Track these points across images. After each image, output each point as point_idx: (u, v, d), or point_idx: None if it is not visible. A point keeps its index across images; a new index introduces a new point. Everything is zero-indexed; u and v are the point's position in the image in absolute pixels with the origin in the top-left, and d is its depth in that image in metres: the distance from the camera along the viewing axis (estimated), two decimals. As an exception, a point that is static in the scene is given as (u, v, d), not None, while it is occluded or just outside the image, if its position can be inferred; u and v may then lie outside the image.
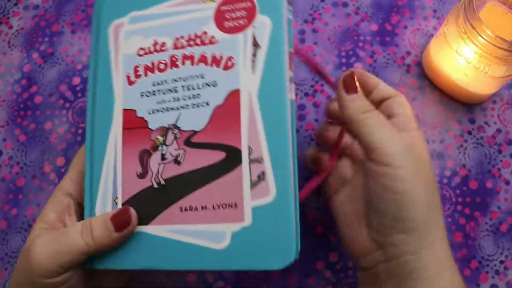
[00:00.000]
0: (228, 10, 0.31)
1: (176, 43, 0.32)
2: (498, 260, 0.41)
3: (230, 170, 0.29)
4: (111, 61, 0.33)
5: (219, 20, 0.31)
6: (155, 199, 0.30)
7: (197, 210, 0.30)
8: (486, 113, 0.45)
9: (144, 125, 0.31)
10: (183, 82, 0.31)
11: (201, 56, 0.31)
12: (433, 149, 0.44)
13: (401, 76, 0.46)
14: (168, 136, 0.31)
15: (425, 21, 0.48)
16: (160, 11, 0.32)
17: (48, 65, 0.47)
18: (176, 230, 0.30)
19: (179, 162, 0.30)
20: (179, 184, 0.30)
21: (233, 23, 0.31)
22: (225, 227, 0.29)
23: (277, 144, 0.29)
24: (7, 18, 0.50)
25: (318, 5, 0.49)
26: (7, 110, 0.46)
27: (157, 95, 0.31)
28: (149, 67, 0.32)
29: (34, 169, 0.44)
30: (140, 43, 0.32)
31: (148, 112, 0.31)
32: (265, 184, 0.29)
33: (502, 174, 0.43)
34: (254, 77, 0.30)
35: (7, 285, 0.32)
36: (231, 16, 0.31)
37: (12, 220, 0.42)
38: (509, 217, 0.42)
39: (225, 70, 0.30)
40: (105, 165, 0.32)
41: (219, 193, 0.29)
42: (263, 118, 0.29)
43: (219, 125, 0.30)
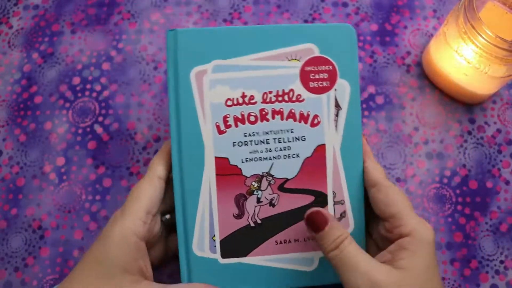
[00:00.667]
0: (312, 71, 0.35)
1: (265, 97, 0.35)
2: (498, 260, 0.41)
3: None
4: (197, 109, 0.35)
5: (304, 80, 0.35)
6: (251, 235, 0.35)
7: (291, 242, 0.35)
8: (486, 113, 0.45)
9: (238, 172, 0.35)
10: (274, 135, 0.35)
11: (290, 112, 0.35)
12: (433, 149, 0.44)
13: (401, 76, 0.46)
14: (262, 183, 0.35)
15: (425, 21, 0.48)
16: (243, 63, 0.35)
17: (48, 65, 0.47)
18: (272, 259, 0.35)
19: (273, 205, 0.35)
20: (274, 222, 0.35)
21: (318, 83, 0.35)
22: (314, 254, 0.35)
23: (355, 190, 0.35)
24: (7, 18, 0.50)
25: (318, 5, 0.49)
26: (7, 110, 0.46)
27: (249, 145, 0.35)
28: (239, 118, 0.35)
29: (34, 169, 0.44)
30: (227, 94, 0.35)
31: (241, 161, 0.35)
32: (346, 220, 0.35)
33: (502, 174, 0.43)
34: (337, 134, 0.35)
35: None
36: (315, 77, 0.35)
37: (12, 220, 0.42)
38: (509, 217, 0.42)
39: (312, 126, 0.35)
40: (200, 207, 0.35)
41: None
42: (345, 168, 0.35)
43: (308, 173, 0.35)
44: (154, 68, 0.47)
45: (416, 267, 0.31)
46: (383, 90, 0.46)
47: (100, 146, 0.44)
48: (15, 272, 0.41)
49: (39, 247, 0.41)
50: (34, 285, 0.40)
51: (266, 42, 0.35)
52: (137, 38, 0.48)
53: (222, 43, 0.35)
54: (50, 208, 0.42)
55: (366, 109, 0.45)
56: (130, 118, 0.45)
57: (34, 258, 0.41)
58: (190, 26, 0.48)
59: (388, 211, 0.33)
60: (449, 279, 0.40)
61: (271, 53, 0.35)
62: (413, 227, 0.32)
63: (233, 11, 0.49)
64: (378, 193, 0.34)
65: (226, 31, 0.35)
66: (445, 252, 0.41)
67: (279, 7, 0.49)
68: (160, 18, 0.49)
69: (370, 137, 0.44)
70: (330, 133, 0.35)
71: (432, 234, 0.32)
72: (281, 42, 0.35)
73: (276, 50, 0.35)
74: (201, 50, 0.35)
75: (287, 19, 0.48)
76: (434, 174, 0.43)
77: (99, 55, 0.48)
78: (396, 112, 0.45)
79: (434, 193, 0.43)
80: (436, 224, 0.42)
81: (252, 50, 0.35)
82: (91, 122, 0.45)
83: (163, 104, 0.46)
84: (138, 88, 0.46)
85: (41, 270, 0.41)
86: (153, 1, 0.49)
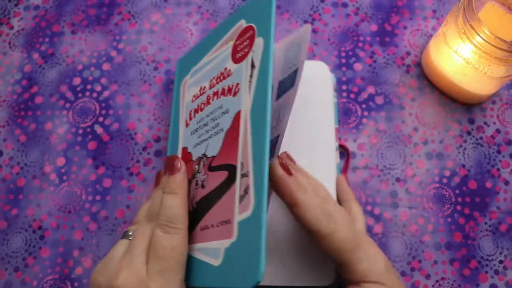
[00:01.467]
0: (239, 43, 0.34)
1: (211, 84, 0.36)
2: (498, 260, 0.41)
3: (229, 188, 0.30)
4: (180, 111, 0.40)
5: (233, 54, 0.34)
6: (191, 221, 0.32)
7: (208, 228, 0.31)
8: (486, 113, 0.45)
9: (190, 158, 0.36)
10: (211, 115, 0.35)
11: (222, 89, 0.34)
12: (432, 149, 0.44)
13: (400, 76, 0.46)
14: (200, 165, 0.34)
15: (425, 22, 0.48)
16: (205, 60, 0.38)
17: (49, 66, 0.47)
18: (196, 248, 0.31)
19: (204, 186, 0.32)
20: (202, 206, 0.32)
21: (241, 52, 0.33)
22: (221, 243, 0.29)
23: (258, 158, 0.28)
24: (8, 19, 0.50)
25: (318, 5, 0.49)
26: (7, 110, 0.46)
27: (198, 131, 0.36)
28: (196, 109, 0.37)
29: (34, 169, 0.44)
30: (193, 92, 0.38)
31: (193, 147, 0.36)
32: (248, 197, 0.28)
33: (501, 174, 0.43)
34: (249, 97, 0.31)
35: None
36: (241, 47, 0.33)
37: (13, 220, 0.42)
38: (508, 217, 0.42)
39: (234, 96, 0.32)
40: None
41: (221, 210, 0.30)
42: (252, 135, 0.29)
43: (228, 146, 0.31)
44: (154, 68, 0.47)
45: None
46: (382, 91, 0.46)
47: (100, 146, 0.44)
48: (15, 272, 0.41)
49: (39, 247, 0.41)
50: (34, 285, 0.40)
51: (217, 36, 0.37)
52: (137, 38, 0.48)
53: (197, 52, 0.40)
54: (50, 209, 0.42)
55: (366, 109, 0.45)
56: (130, 118, 0.45)
57: (34, 258, 0.41)
58: (190, 27, 0.48)
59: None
60: (448, 279, 0.40)
61: (219, 44, 0.37)
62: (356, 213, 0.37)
63: (233, 11, 0.49)
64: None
65: (200, 42, 0.41)
66: (444, 252, 0.41)
67: (279, 8, 0.49)
68: (160, 19, 0.49)
69: (370, 137, 0.44)
70: (245, 97, 0.31)
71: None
72: (224, 30, 0.36)
73: (221, 39, 0.36)
74: (187, 64, 0.41)
75: (287, 19, 0.49)
76: (434, 174, 0.43)
77: (100, 55, 0.48)
78: (395, 112, 0.45)
79: (433, 193, 0.43)
80: (435, 224, 0.42)
81: (209, 48, 0.38)
82: (91, 123, 0.45)
83: (163, 104, 0.46)
84: (138, 88, 0.46)
85: (41, 270, 0.41)
86: (153, 2, 0.49)
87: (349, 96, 0.46)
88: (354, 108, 0.45)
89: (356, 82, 0.46)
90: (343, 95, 0.46)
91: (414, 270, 0.40)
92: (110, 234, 0.42)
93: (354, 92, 0.46)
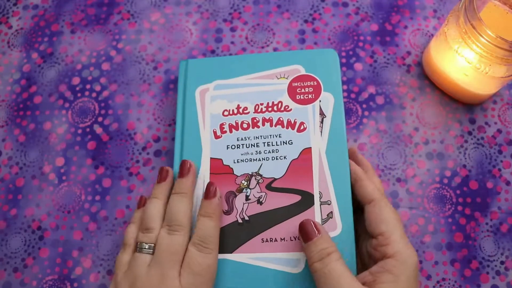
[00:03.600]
0: (299, 86, 0.40)
1: (256, 108, 0.40)
2: (499, 260, 0.41)
3: (304, 210, 0.36)
4: (199, 119, 0.40)
5: (291, 93, 0.40)
6: (239, 231, 0.36)
7: (277, 241, 0.36)
8: (487, 113, 0.45)
9: (230, 172, 0.38)
10: (263, 139, 0.39)
11: (278, 120, 0.39)
12: (433, 149, 0.44)
13: (401, 76, 0.46)
14: (251, 181, 0.38)
15: (425, 21, 0.48)
16: (240, 81, 0.41)
17: (48, 65, 0.47)
18: (257, 257, 0.36)
19: (261, 203, 0.37)
20: (261, 220, 0.37)
21: (303, 96, 0.40)
22: (301, 255, 0.35)
23: (341, 191, 0.36)
24: (7, 18, 0.49)
25: (318, 5, 0.49)
26: (6, 110, 0.46)
27: (241, 148, 0.39)
28: (233, 125, 0.39)
29: (33, 169, 0.44)
30: (224, 106, 0.40)
31: (233, 161, 0.38)
32: (333, 221, 0.36)
33: (502, 174, 0.43)
34: (322, 139, 0.38)
35: None
36: (301, 91, 0.40)
37: (12, 220, 0.42)
38: (510, 218, 0.42)
39: (298, 132, 0.39)
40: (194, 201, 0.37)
41: (295, 227, 0.35)
42: (331, 170, 0.37)
43: (295, 174, 0.37)
44: (154, 68, 0.47)
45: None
46: (383, 90, 0.46)
47: (100, 146, 0.44)
48: (14, 272, 0.41)
49: (38, 247, 0.41)
50: (33, 285, 0.40)
51: (259, 65, 0.41)
52: (136, 38, 0.48)
53: (223, 67, 0.42)
54: (49, 209, 0.42)
55: (366, 109, 0.45)
56: (129, 118, 0.45)
57: (33, 258, 0.41)
58: (190, 26, 0.48)
59: (379, 228, 0.34)
60: (449, 279, 0.40)
61: (263, 73, 0.41)
62: (398, 249, 0.32)
63: (233, 11, 0.49)
64: (373, 209, 0.35)
65: (226, 59, 0.43)
66: (445, 253, 0.41)
67: (279, 7, 0.49)
68: (160, 18, 0.49)
69: (370, 137, 0.44)
70: (316, 138, 0.38)
71: (416, 259, 0.32)
72: (272, 64, 0.41)
73: (268, 71, 0.41)
74: (205, 73, 0.42)
75: (287, 19, 0.48)
76: (435, 174, 0.43)
77: (99, 55, 0.47)
78: (396, 112, 0.45)
79: (434, 193, 0.42)
80: (436, 224, 0.41)
81: (247, 72, 0.41)
82: (90, 122, 0.45)
83: (163, 104, 0.46)
84: (137, 88, 0.46)
85: (40, 270, 0.41)
86: (152, 1, 0.49)
87: (349, 96, 0.45)
88: (354, 108, 0.45)
89: (357, 82, 0.46)
90: (343, 95, 0.45)
91: (414, 270, 0.40)
92: (110, 234, 0.42)
93: (354, 92, 0.46)
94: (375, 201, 0.35)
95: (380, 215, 0.34)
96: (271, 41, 0.48)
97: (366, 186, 0.36)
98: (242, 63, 0.42)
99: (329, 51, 0.41)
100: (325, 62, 0.41)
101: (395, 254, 0.32)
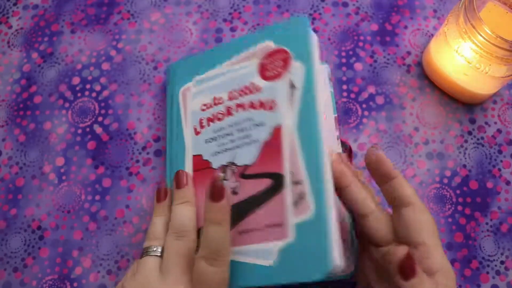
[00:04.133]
0: (269, 62, 0.37)
1: (230, 95, 0.38)
2: (499, 260, 0.41)
3: (276, 194, 0.33)
4: (182, 118, 0.40)
5: (262, 71, 0.37)
6: None
7: (251, 232, 0.33)
8: (487, 113, 0.45)
9: (208, 166, 0.37)
10: (236, 126, 0.37)
11: (250, 103, 0.37)
12: (433, 149, 0.44)
13: (401, 76, 0.46)
14: (227, 172, 0.36)
15: (425, 21, 0.48)
16: (215, 72, 0.40)
17: (48, 65, 0.47)
18: (235, 251, 0.34)
19: (236, 193, 0.35)
20: (237, 211, 0.34)
21: (273, 72, 0.36)
22: (273, 244, 0.32)
23: (314, 168, 0.32)
24: (7, 18, 0.49)
25: (318, 5, 0.49)
26: (6, 110, 0.46)
27: (218, 140, 0.37)
28: (210, 118, 0.38)
29: (33, 169, 0.44)
30: (203, 101, 0.39)
31: (211, 155, 0.37)
32: (305, 202, 0.32)
33: (502, 174, 0.43)
34: (292, 113, 0.34)
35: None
36: (271, 66, 0.37)
37: (11, 220, 0.42)
38: (510, 217, 0.42)
39: (269, 110, 0.35)
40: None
41: (267, 214, 0.33)
42: (302, 147, 0.33)
43: (267, 157, 0.34)
44: (154, 68, 0.47)
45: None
46: (383, 90, 0.46)
47: (100, 146, 0.44)
48: (14, 272, 0.41)
49: (38, 247, 0.41)
50: (33, 285, 0.40)
51: (233, 50, 0.39)
52: (136, 38, 0.48)
53: (201, 62, 0.41)
54: (49, 208, 0.42)
55: (366, 109, 0.45)
56: (129, 118, 0.45)
57: (33, 258, 0.41)
58: (190, 26, 0.48)
59: (420, 237, 0.30)
60: (449, 279, 0.40)
61: (236, 58, 0.39)
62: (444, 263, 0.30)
63: (233, 11, 0.49)
64: (412, 214, 0.31)
65: (205, 53, 0.41)
66: (445, 253, 0.41)
67: (279, 7, 0.49)
68: (160, 18, 0.49)
69: (370, 137, 0.44)
70: (286, 114, 0.34)
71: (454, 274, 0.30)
72: (244, 47, 0.39)
73: (240, 54, 0.39)
74: (187, 72, 0.41)
75: (287, 18, 0.48)
76: (435, 174, 0.43)
77: (99, 55, 0.47)
78: (396, 112, 0.45)
79: (434, 193, 0.42)
80: (436, 224, 0.41)
81: (222, 61, 0.39)
82: (90, 122, 0.45)
83: (163, 104, 0.46)
84: (137, 88, 0.46)
85: (40, 270, 0.41)
86: (153, 1, 0.49)
87: (349, 96, 0.45)
88: (354, 108, 0.45)
89: (357, 82, 0.46)
90: (343, 94, 0.45)
91: (414, 270, 0.40)
92: (110, 234, 0.42)
93: (354, 92, 0.46)
94: (414, 205, 0.31)
95: (421, 222, 0.31)
96: (271, 41, 0.48)
97: (404, 187, 0.32)
98: (216, 53, 0.40)
99: (298, 19, 0.37)
100: (295, 32, 0.36)
101: (443, 268, 0.29)
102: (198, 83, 0.40)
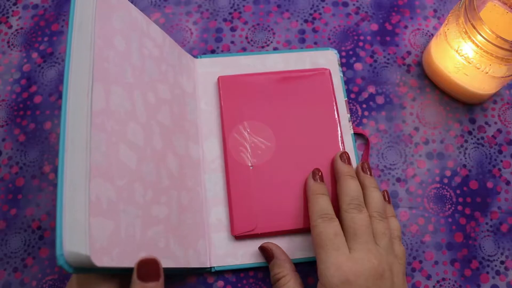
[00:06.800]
0: None
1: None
2: (499, 260, 0.41)
3: None
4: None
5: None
6: None
7: None
8: (487, 113, 0.45)
9: None
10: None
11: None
12: (433, 149, 0.44)
13: (401, 76, 0.46)
14: None
15: (426, 21, 0.48)
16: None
17: (48, 65, 0.47)
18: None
19: None
20: None
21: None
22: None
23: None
24: (6, 18, 0.49)
25: (318, 4, 0.49)
26: (6, 110, 0.46)
27: None
28: None
29: (33, 169, 0.44)
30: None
31: None
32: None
33: (502, 174, 0.43)
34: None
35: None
36: None
37: (12, 220, 0.42)
38: (510, 217, 0.42)
39: None
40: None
41: None
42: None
43: None
44: (153, 68, 0.47)
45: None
46: (383, 90, 0.46)
47: (100, 146, 0.44)
48: (14, 272, 0.41)
49: (38, 247, 0.41)
50: (33, 285, 0.40)
51: None
52: (136, 37, 0.48)
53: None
54: (49, 208, 0.42)
55: (366, 109, 0.45)
56: (129, 118, 0.45)
57: (33, 258, 0.41)
58: (190, 26, 0.48)
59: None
60: (449, 279, 0.40)
61: None
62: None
63: (233, 11, 0.49)
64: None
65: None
66: (445, 253, 0.41)
67: (279, 7, 0.49)
68: (160, 18, 0.49)
69: (370, 137, 0.44)
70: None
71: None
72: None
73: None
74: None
75: (287, 18, 0.48)
76: (435, 174, 0.43)
77: (99, 55, 0.47)
78: (396, 112, 0.45)
79: (434, 193, 0.42)
80: (436, 224, 0.41)
81: None
82: (90, 122, 0.45)
83: (162, 104, 0.45)
84: (137, 88, 0.46)
85: (40, 270, 0.41)
86: (153, 1, 0.49)
87: (349, 96, 0.45)
88: (354, 108, 0.45)
89: (357, 81, 0.46)
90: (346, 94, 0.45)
91: (415, 270, 0.40)
92: (110, 234, 0.41)
93: (354, 92, 0.46)
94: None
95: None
96: (271, 41, 0.48)
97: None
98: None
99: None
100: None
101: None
102: None
